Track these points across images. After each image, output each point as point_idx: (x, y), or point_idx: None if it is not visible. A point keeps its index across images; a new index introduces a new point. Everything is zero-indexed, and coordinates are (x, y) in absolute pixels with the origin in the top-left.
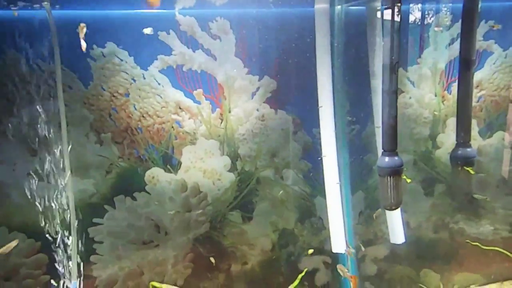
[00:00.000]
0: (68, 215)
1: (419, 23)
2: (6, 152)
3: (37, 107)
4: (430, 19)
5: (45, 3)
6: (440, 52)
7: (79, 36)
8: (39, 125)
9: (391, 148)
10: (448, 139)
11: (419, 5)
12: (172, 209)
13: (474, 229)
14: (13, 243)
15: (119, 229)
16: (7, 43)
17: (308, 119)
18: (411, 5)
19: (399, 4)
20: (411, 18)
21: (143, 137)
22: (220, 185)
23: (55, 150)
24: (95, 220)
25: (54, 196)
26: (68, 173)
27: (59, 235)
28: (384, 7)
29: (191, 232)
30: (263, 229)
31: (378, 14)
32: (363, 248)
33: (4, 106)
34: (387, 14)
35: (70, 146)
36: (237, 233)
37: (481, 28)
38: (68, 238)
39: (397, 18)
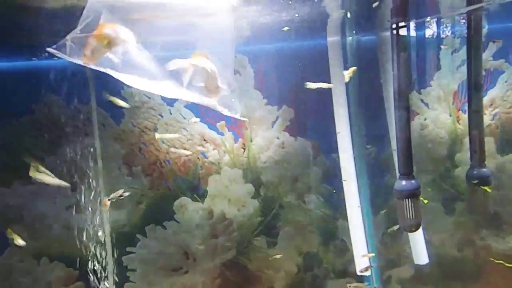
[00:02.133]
0: (104, 245)
1: (431, 46)
2: (48, 187)
3: (75, 144)
4: (441, 42)
5: None
6: (452, 73)
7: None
8: (77, 161)
9: (407, 171)
10: (466, 157)
11: (430, 30)
12: (201, 237)
13: (500, 245)
14: (120, 191)
15: (151, 256)
16: (48, 88)
17: (326, 145)
18: (423, 29)
19: (403, 29)
20: (423, 42)
21: (171, 168)
22: (245, 211)
23: (92, 184)
24: (128, 249)
25: (91, 227)
26: (104, 204)
27: (96, 264)
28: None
29: (218, 258)
30: (288, 253)
31: (388, 41)
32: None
33: (45, 144)
34: (395, 40)
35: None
36: (262, 257)
37: (491, 49)
38: (104, 267)
39: (404, 40)
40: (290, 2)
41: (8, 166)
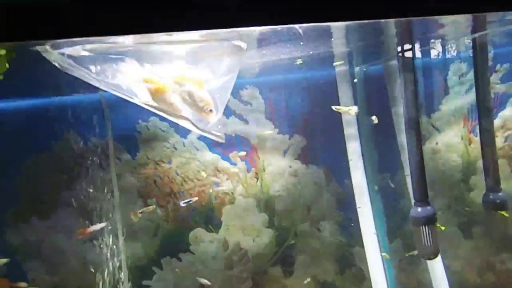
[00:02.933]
0: (121, 279)
1: (438, 70)
2: (65, 221)
3: (92, 178)
4: (448, 66)
5: (101, 92)
6: (461, 96)
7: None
8: (94, 195)
9: (423, 198)
10: (480, 180)
11: (437, 54)
12: (216, 268)
13: None
14: (151, 208)
15: None
16: (66, 124)
17: (339, 171)
18: (429, 53)
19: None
20: (430, 66)
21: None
22: (259, 241)
23: (108, 217)
24: (144, 282)
25: (108, 261)
26: (121, 238)
27: None
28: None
29: None
30: (304, 282)
31: (396, 68)
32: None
33: (63, 179)
34: (402, 66)
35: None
36: (279, 287)
37: (498, 72)
38: None
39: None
40: (301, 43)
41: (27, 202)
